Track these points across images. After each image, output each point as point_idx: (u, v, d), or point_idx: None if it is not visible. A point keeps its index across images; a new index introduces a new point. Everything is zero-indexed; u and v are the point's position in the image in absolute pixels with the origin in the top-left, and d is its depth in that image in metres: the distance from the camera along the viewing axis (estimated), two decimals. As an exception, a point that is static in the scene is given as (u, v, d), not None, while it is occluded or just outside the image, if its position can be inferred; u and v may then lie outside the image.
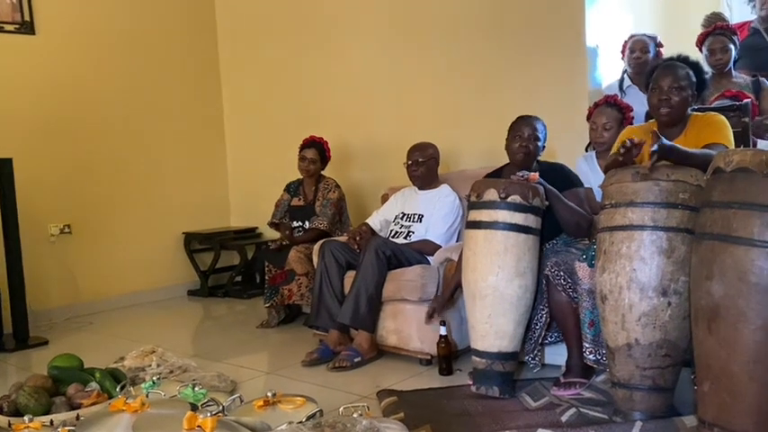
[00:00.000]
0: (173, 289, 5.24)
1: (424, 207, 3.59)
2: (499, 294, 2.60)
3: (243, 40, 5.47)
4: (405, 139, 3.81)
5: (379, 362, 3.25)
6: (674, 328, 2.11)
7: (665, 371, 2.15)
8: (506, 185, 2.67)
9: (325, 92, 4.92)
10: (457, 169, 4.09)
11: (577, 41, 3.71)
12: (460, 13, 4.17)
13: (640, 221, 2.14)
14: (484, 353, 2.63)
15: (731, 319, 1.74)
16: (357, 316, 3.20)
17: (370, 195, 4.48)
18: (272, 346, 3.80)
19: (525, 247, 2.63)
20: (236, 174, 5.67)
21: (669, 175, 2.15)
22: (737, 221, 1.74)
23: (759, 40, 4.05)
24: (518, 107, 3.33)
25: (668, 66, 2.53)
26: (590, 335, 2.50)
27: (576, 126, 3.54)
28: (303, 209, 4.28)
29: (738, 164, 1.77)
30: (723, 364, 1.76)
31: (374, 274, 3.21)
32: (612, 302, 2.19)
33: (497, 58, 4.05)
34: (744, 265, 1.71)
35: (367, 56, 4.67)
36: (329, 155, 4.33)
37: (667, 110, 2.47)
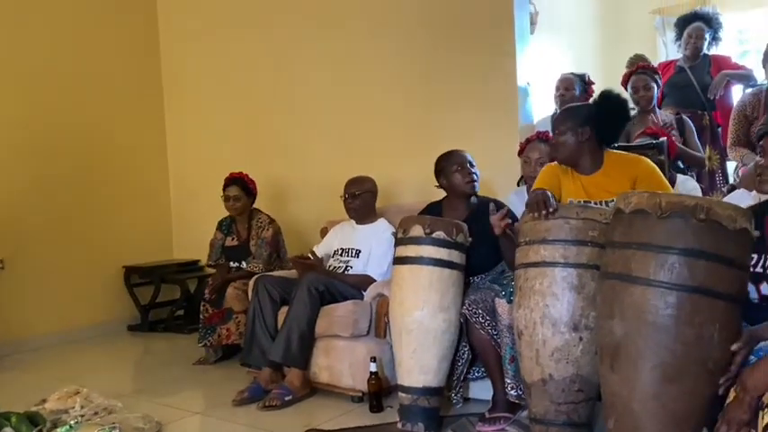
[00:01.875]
0: (112, 324, 5.10)
1: (361, 242, 3.60)
2: (424, 329, 2.62)
3: (186, 72, 5.46)
4: (343, 172, 3.82)
5: (311, 399, 3.22)
6: (587, 363, 2.15)
7: (579, 406, 2.18)
8: (431, 222, 2.72)
9: (267, 127, 4.94)
10: (395, 203, 4.12)
11: (510, 80, 3.80)
12: (397, 50, 4.25)
13: (552, 258, 2.19)
14: (409, 388, 2.64)
15: (631, 358, 1.78)
16: (288, 353, 3.17)
17: (310, 229, 4.47)
18: (207, 384, 3.73)
19: (449, 282, 2.68)
20: (179, 206, 5.60)
21: (579, 214, 2.21)
22: (635, 262, 1.79)
23: (684, 77, 4.22)
24: (453, 142, 3.40)
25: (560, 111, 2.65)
26: (511, 371, 2.54)
27: (508, 161, 3.61)
28: (237, 249, 4.20)
29: (636, 206, 1.83)
30: (625, 402, 1.79)
31: (306, 310, 3.19)
32: (527, 338, 2.23)
33: (433, 94, 4.12)
34: (641, 304, 1.76)
35: (307, 91, 4.71)
36: (254, 188, 4.24)
37: (556, 152, 2.63)
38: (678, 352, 1.72)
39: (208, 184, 5.20)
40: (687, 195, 1.97)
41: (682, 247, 1.73)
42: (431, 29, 4.12)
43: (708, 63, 4.25)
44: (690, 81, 4.18)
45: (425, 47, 4.15)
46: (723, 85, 4.13)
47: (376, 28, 4.35)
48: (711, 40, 4.31)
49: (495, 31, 3.84)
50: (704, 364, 1.72)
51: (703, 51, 4.28)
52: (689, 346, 1.71)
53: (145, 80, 5.49)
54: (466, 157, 3.06)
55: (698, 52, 4.26)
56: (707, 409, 1.75)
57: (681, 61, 4.35)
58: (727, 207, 1.77)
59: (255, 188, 4.27)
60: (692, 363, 1.72)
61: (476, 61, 3.94)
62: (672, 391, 1.73)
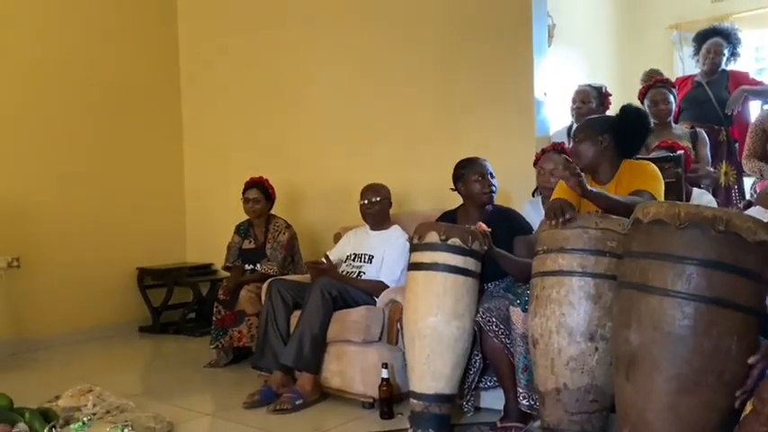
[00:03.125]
0: (124, 325, 5.14)
1: (374, 248, 3.61)
2: (437, 335, 2.62)
3: (204, 78, 5.51)
4: (357, 179, 3.86)
5: (321, 404, 3.22)
6: (602, 374, 2.14)
7: (593, 416, 2.17)
8: (447, 228, 2.73)
9: (282, 132, 4.99)
10: (408, 210, 4.13)
11: (526, 90, 3.83)
12: (414, 58, 4.28)
13: (569, 267, 2.19)
14: (421, 395, 2.63)
15: (647, 368, 1.77)
16: (300, 357, 3.18)
17: (324, 235, 4.49)
18: (217, 386, 3.74)
19: (464, 290, 2.67)
20: (193, 209, 5.65)
21: (598, 224, 2.21)
22: (653, 271, 1.79)
23: (701, 92, 4.21)
24: (468, 151, 3.41)
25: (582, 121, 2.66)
26: (524, 380, 2.52)
27: (524, 171, 3.61)
28: (254, 252, 4.25)
29: (654, 216, 1.83)
30: (639, 412, 1.79)
31: (319, 314, 3.20)
32: (543, 347, 2.22)
33: (449, 103, 4.14)
34: (658, 314, 1.76)
35: (323, 99, 4.76)
36: (273, 193, 4.31)
37: (576, 159, 2.61)
38: (695, 363, 1.71)
39: (223, 189, 5.25)
40: (706, 206, 1.97)
41: (700, 257, 1.73)
42: (448, 37, 4.15)
43: (726, 78, 4.24)
44: (707, 96, 4.17)
45: (443, 55, 4.17)
46: (741, 100, 4.12)
47: (393, 36, 4.38)
48: (730, 56, 4.30)
49: (514, 42, 3.86)
50: (721, 376, 1.71)
51: (721, 67, 4.27)
52: (706, 358, 1.71)
53: (163, 84, 5.55)
54: (487, 168, 3.09)
55: (716, 68, 4.25)
56: (723, 421, 1.74)
57: (699, 76, 4.34)
58: (747, 219, 1.76)
59: (274, 193, 4.34)
60: (709, 374, 1.71)
61: (493, 71, 3.96)
62: (688, 402, 1.72)
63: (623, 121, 2.61)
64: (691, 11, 6.40)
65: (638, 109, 2.72)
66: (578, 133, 2.67)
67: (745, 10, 6.23)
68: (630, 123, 2.61)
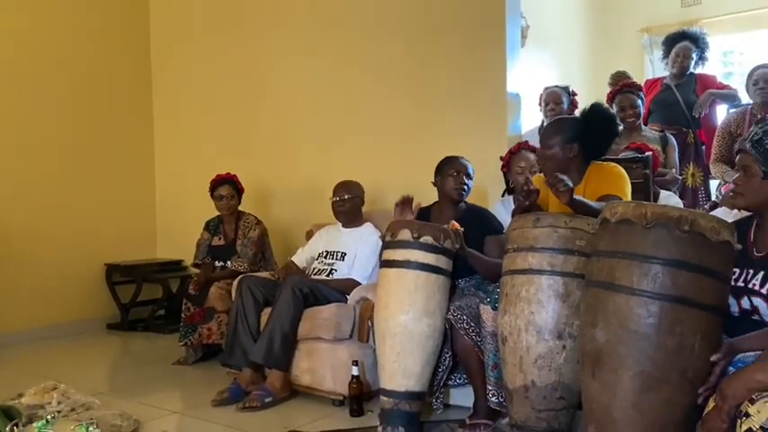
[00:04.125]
0: (91, 322, 5.06)
1: (346, 245, 3.61)
2: (408, 333, 2.63)
3: (176, 71, 5.44)
4: (330, 176, 3.85)
5: (291, 402, 3.21)
6: (569, 371, 2.16)
7: (560, 413, 2.19)
8: (419, 226, 2.73)
9: (254, 129, 4.95)
10: (381, 208, 4.13)
11: (499, 90, 3.84)
12: (387, 56, 4.27)
13: (539, 266, 2.21)
14: (392, 392, 2.64)
15: (612, 365, 1.79)
16: (270, 354, 3.16)
17: (296, 232, 4.47)
18: (186, 384, 3.70)
19: (435, 287, 2.69)
20: (164, 205, 5.58)
21: (567, 223, 2.23)
22: (620, 270, 1.81)
23: (670, 95, 4.29)
24: (441, 150, 3.43)
25: (546, 125, 2.67)
26: (493, 377, 2.55)
27: (496, 171, 3.63)
28: (224, 248, 4.21)
29: (622, 215, 1.85)
30: (605, 409, 1.81)
31: (290, 312, 3.19)
32: (512, 344, 2.24)
33: (422, 102, 4.15)
34: (624, 312, 1.78)
35: (295, 95, 4.72)
36: (242, 188, 4.28)
37: (544, 165, 2.62)
38: (659, 361, 1.74)
39: (193, 185, 5.18)
40: (672, 207, 1.99)
41: (665, 257, 1.75)
42: (422, 35, 4.15)
43: (694, 82, 4.32)
44: (676, 99, 4.24)
45: (416, 53, 4.17)
46: (708, 103, 4.20)
47: (366, 34, 4.37)
48: (698, 60, 4.39)
49: (487, 42, 3.88)
50: (684, 374, 1.73)
51: (690, 70, 4.35)
52: (670, 355, 1.73)
53: (133, 79, 5.47)
54: (465, 167, 3.11)
55: (684, 71, 4.33)
56: (686, 417, 1.76)
57: (667, 79, 4.41)
58: (711, 219, 1.80)
59: (243, 189, 4.30)
60: (673, 372, 1.73)
61: (466, 71, 3.97)
62: (651, 399, 1.75)
63: (591, 123, 2.63)
64: (661, 15, 6.49)
65: (606, 111, 2.74)
66: (547, 139, 2.64)
67: (714, 15, 6.35)
68: (598, 125, 2.63)
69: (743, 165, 1.97)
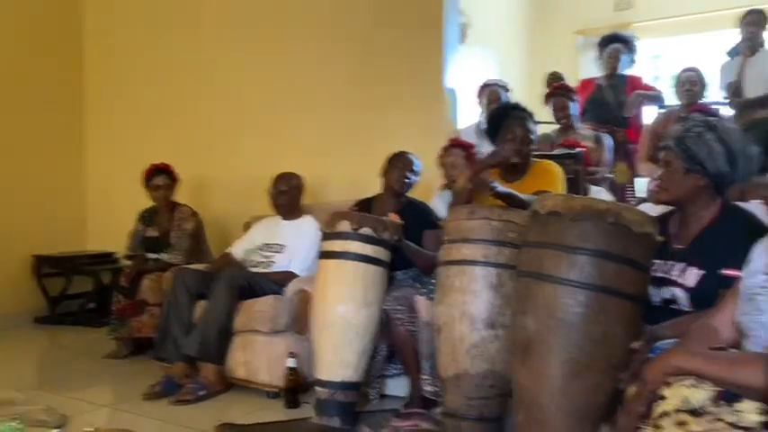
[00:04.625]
0: (17, 316, 4.84)
1: (286, 237, 3.59)
2: (346, 323, 2.64)
3: (109, 61, 5.28)
4: (270, 168, 3.81)
5: (226, 395, 3.17)
6: (501, 360, 2.21)
7: (491, 401, 2.25)
8: (359, 218, 2.75)
9: (191, 119, 4.85)
10: (322, 201, 4.12)
11: (437, 87, 3.90)
12: (328, 50, 4.27)
13: (473, 257, 2.26)
14: (327, 383, 2.64)
15: (541, 353, 1.85)
16: (204, 347, 3.11)
17: (234, 224, 4.41)
18: (116, 378, 3.60)
19: (374, 279, 2.70)
20: (95, 196, 5.40)
21: (500, 215, 2.29)
22: (548, 261, 1.87)
23: (602, 95, 4.44)
24: (381, 144, 3.47)
25: (521, 117, 2.73)
26: (428, 367, 2.59)
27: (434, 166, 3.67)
28: (158, 240, 4.10)
29: (551, 208, 1.91)
30: (534, 396, 1.86)
31: (225, 304, 3.15)
32: (446, 334, 2.28)
33: (363, 97, 4.16)
34: (552, 301, 1.84)
35: (236, 86, 4.66)
36: (178, 178, 4.19)
37: (519, 159, 2.69)
38: (586, 348, 1.80)
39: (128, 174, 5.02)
40: (600, 200, 2.07)
41: (592, 248, 1.82)
42: (363, 32, 4.16)
43: (624, 83, 4.48)
44: (607, 99, 4.39)
45: (357, 49, 4.18)
46: (637, 104, 4.37)
47: (308, 28, 4.35)
48: (628, 62, 4.55)
49: (425, 36, 3.92)
50: (609, 360, 1.80)
51: (620, 72, 4.51)
52: (595, 343, 1.80)
53: (63, 67, 5.27)
54: (410, 162, 3.18)
55: (615, 72, 4.48)
56: (609, 402, 1.84)
57: (600, 80, 4.57)
58: (636, 212, 1.87)
59: (178, 179, 4.20)
60: (598, 358, 1.80)
61: (406, 65, 4.00)
62: (578, 385, 1.81)
63: None
64: (595, 18, 6.72)
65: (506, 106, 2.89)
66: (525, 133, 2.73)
67: (646, 20, 6.61)
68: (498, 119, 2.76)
69: (666, 161, 2.06)
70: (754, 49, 4.06)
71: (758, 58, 4.06)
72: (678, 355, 1.58)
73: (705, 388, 1.46)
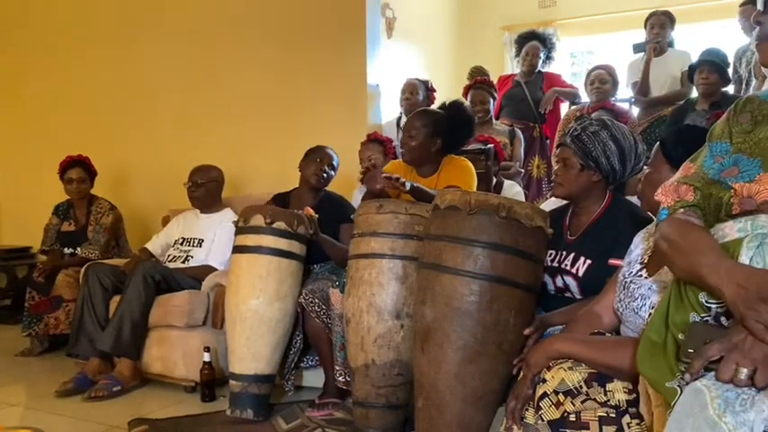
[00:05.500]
0: (-76, 314, 4.66)
1: (204, 231, 3.57)
2: (259, 317, 2.66)
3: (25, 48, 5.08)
4: (190, 161, 3.78)
5: (142, 390, 3.15)
6: (407, 349, 2.29)
7: (398, 389, 2.32)
8: (273, 212, 2.77)
9: (109, 109, 4.75)
10: (243, 194, 4.12)
11: (360, 81, 3.95)
12: (252, 44, 4.26)
13: (381, 250, 2.32)
14: (241, 375, 2.66)
15: (438, 340, 1.93)
16: (119, 343, 3.08)
17: (152, 217, 4.36)
18: (30, 376, 3.52)
19: (288, 272, 2.74)
20: (7, 189, 5.21)
21: (407, 210, 2.36)
22: (446, 253, 1.95)
23: (519, 91, 4.58)
24: (304, 138, 3.49)
25: (413, 114, 2.81)
26: (341, 358, 2.64)
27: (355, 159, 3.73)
28: (74, 234, 4.01)
29: (450, 202, 1.99)
30: (432, 382, 1.94)
31: (140, 299, 3.12)
32: (354, 325, 2.34)
33: (286, 90, 4.18)
34: (449, 291, 1.92)
35: (157, 77, 4.59)
36: (95, 171, 4.11)
37: (407, 154, 2.75)
38: (479, 335, 1.89)
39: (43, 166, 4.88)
40: (494, 195, 2.16)
41: (486, 240, 1.91)
42: (288, 27, 4.19)
43: (541, 80, 4.64)
44: (524, 95, 4.54)
45: (282, 43, 4.20)
46: (552, 100, 4.53)
47: (232, 22, 4.35)
48: (546, 59, 4.71)
49: (348, 32, 3.97)
50: (501, 346, 1.90)
51: (538, 68, 4.66)
52: (488, 330, 1.89)
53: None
54: (328, 157, 3.20)
55: (533, 69, 4.64)
56: (503, 387, 1.94)
57: (518, 76, 4.71)
58: (526, 207, 1.97)
59: (95, 172, 4.11)
60: (490, 344, 1.90)
61: (329, 61, 4.04)
62: (472, 370, 1.90)
63: (453, 120, 2.80)
64: (520, 15, 6.88)
65: (466, 110, 2.92)
66: (412, 129, 2.78)
67: (567, 17, 6.82)
68: (459, 124, 2.81)
69: (563, 158, 2.17)
70: (661, 51, 4.26)
71: (664, 59, 4.26)
72: (558, 341, 1.68)
73: (581, 370, 1.57)
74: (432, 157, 2.81)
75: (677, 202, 1.29)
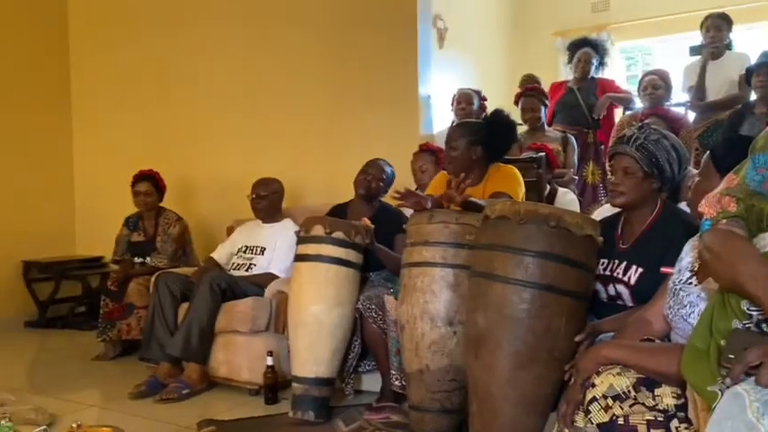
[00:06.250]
0: (8, 320, 4.96)
1: (266, 240, 3.72)
2: (319, 323, 2.79)
3: (96, 67, 5.40)
4: (252, 173, 3.95)
5: (208, 393, 3.31)
6: (460, 355, 2.36)
7: (452, 394, 2.39)
8: (332, 223, 2.90)
9: (176, 126, 4.98)
10: (302, 204, 4.26)
11: (412, 91, 4.04)
12: (307, 57, 4.41)
13: (432, 259, 2.41)
14: (302, 379, 2.79)
15: (490, 347, 2.00)
16: (187, 348, 3.25)
17: (217, 228, 4.55)
18: (104, 378, 3.74)
19: (346, 280, 2.86)
20: (83, 201, 5.53)
21: (458, 219, 2.43)
22: (497, 262, 2.02)
23: (573, 98, 4.58)
24: (356, 149, 3.60)
25: (452, 128, 2.90)
26: (396, 363, 2.73)
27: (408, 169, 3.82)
28: (144, 244, 4.24)
29: (499, 212, 2.05)
30: (485, 386, 2.01)
31: (207, 306, 3.28)
32: (408, 331, 2.43)
33: (339, 102, 4.31)
34: (501, 299, 1.98)
35: (217, 92, 4.79)
36: (164, 185, 4.32)
37: (450, 166, 2.85)
38: (530, 342, 1.95)
39: (114, 181, 5.17)
40: (543, 204, 2.22)
41: (535, 249, 1.97)
42: (339, 39, 4.30)
43: (594, 85, 4.62)
44: (578, 101, 4.54)
45: (334, 55, 4.32)
46: (606, 106, 4.52)
47: (287, 37, 4.49)
48: (598, 65, 4.70)
49: (399, 45, 4.07)
50: (552, 353, 1.96)
51: (591, 74, 4.65)
52: (539, 337, 1.95)
53: (52, 74, 5.40)
54: (379, 168, 3.34)
55: (586, 75, 4.63)
56: (554, 393, 1.99)
57: (571, 82, 4.71)
58: (576, 216, 2.02)
59: (164, 186, 4.34)
60: (542, 351, 1.95)
61: (381, 74, 4.15)
62: (524, 376, 1.96)
63: (493, 127, 2.87)
64: (573, 20, 6.85)
65: (506, 117, 2.98)
66: (452, 141, 2.88)
67: (621, 21, 6.76)
68: (499, 130, 2.88)
69: (623, 166, 2.14)
70: (719, 54, 4.20)
71: (721, 62, 4.20)
72: (606, 347, 1.73)
73: (629, 375, 1.62)
74: (475, 166, 2.86)
75: (720, 213, 1.33)
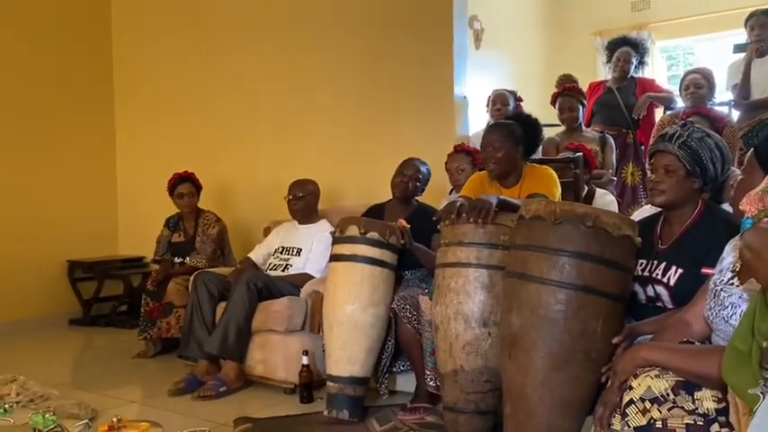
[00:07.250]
0: (53, 318, 5.12)
1: (302, 241, 3.76)
2: (354, 322, 2.80)
3: (137, 70, 5.53)
4: (288, 174, 4.00)
5: (245, 391, 3.35)
6: (494, 356, 2.33)
7: (487, 395, 2.37)
8: (367, 223, 2.91)
9: (213, 127, 5.07)
10: (337, 205, 4.29)
11: (447, 92, 4.03)
12: (342, 58, 4.44)
13: (466, 259, 2.39)
14: (337, 377, 2.80)
15: (525, 347, 1.98)
16: (225, 346, 3.30)
17: (254, 228, 4.61)
18: (145, 376, 3.82)
19: (380, 280, 2.86)
20: (126, 202, 5.66)
21: (492, 219, 2.41)
22: (532, 262, 2.00)
23: (612, 98, 4.50)
24: (392, 150, 3.60)
25: (491, 126, 2.87)
26: (431, 363, 2.73)
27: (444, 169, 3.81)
28: (183, 245, 4.32)
29: (534, 212, 2.03)
30: (519, 388, 1.99)
31: (244, 305, 3.33)
32: (442, 332, 2.42)
33: (375, 104, 4.33)
34: (535, 300, 1.96)
35: (254, 94, 4.86)
36: (200, 185, 4.40)
37: (493, 165, 2.81)
38: (565, 343, 1.93)
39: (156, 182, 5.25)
40: (579, 204, 2.19)
41: (571, 250, 1.94)
42: (376, 41, 4.32)
43: (634, 85, 4.54)
44: (617, 101, 4.46)
45: (370, 57, 4.34)
46: (646, 106, 4.44)
47: (323, 39, 4.53)
48: (638, 64, 4.61)
49: (435, 46, 4.06)
50: (588, 354, 1.93)
51: (630, 74, 4.57)
52: (574, 338, 1.92)
53: (95, 78, 5.55)
54: (414, 169, 3.33)
55: (625, 74, 4.55)
56: (590, 394, 1.96)
57: (609, 82, 4.64)
58: (613, 216, 1.99)
59: (201, 186, 4.42)
60: (578, 352, 1.92)
61: (417, 75, 4.15)
62: (559, 377, 1.93)
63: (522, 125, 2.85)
64: (612, 19, 6.75)
65: (529, 117, 2.99)
66: (495, 141, 2.82)
67: (661, 20, 6.63)
68: (528, 128, 2.87)
69: (664, 164, 2.09)
70: (764, 51, 4.08)
71: (766, 60, 4.08)
72: (645, 349, 1.70)
73: (668, 378, 1.58)
74: (516, 166, 2.86)
75: (761, 211, 1.30)
